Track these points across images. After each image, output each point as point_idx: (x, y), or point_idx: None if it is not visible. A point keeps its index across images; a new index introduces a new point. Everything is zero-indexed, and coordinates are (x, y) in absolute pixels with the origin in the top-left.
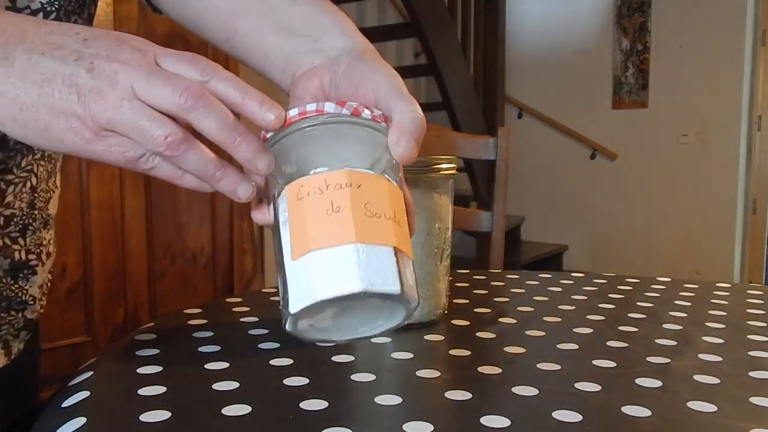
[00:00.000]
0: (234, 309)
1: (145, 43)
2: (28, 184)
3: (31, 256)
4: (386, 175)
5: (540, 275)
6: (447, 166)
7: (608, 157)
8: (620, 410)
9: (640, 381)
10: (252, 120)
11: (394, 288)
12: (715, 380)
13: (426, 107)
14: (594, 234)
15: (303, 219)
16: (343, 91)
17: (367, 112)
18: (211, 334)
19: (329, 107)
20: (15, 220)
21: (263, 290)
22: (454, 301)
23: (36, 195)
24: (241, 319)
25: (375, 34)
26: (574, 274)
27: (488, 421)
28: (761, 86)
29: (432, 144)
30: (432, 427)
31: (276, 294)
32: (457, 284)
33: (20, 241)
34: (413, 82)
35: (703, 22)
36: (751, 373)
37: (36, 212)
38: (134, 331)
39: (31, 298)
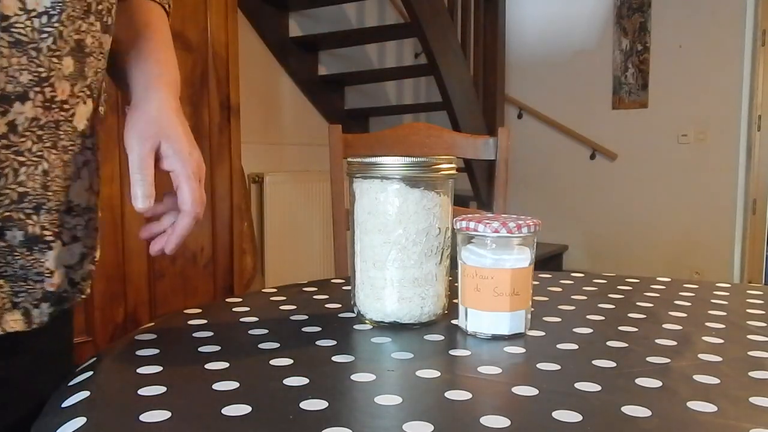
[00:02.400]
0: (234, 309)
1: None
2: (40, 168)
3: (46, 233)
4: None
5: (540, 275)
6: (447, 166)
7: (608, 157)
8: (620, 410)
9: (640, 381)
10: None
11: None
12: (715, 380)
13: (426, 107)
14: (594, 234)
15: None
16: (171, 165)
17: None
18: (211, 334)
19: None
20: (28, 197)
21: (263, 290)
22: (454, 301)
23: (49, 179)
24: (241, 319)
25: (375, 34)
26: (574, 274)
27: (488, 421)
28: (761, 86)
29: (432, 144)
30: (432, 427)
31: (276, 294)
32: (456, 284)
33: (33, 217)
34: (413, 82)
35: (703, 22)
36: (751, 373)
37: (50, 194)
38: (134, 331)
39: (48, 271)
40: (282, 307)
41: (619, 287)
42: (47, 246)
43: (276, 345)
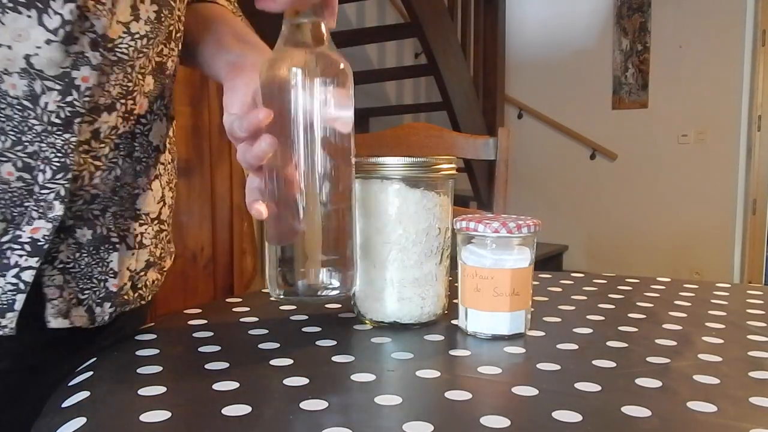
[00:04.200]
0: (234, 309)
1: None
2: (113, 174)
3: (112, 234)
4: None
5: (540, 275)
6: (447, 167)
7: (608, 157)
8: (620, 410)
9: (640, 381)
10: None
11: None
12: (715, 380)
13: (426, 107)
14: (594, 234)
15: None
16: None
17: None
18: (211, 334)
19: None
20: (98, 200)
21: (263, 290)
22: (454, 301)
23: (119, 185)
24: (241, 319)
25: (375, 34)
26: (574, 274)
27: (488, 421)
28: (761, 86)
29: (432, 144)
30: (432, 427)
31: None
32: (456, 284)
33: (101, 218)
34: (413, 82)
35: (703, 22)
36: (751, 373)
37: (117, 199)
38: (134, 331)
39: (111, 272)
40: (282, 307)
41: (619, 287)
42: (113, 247)
43: (276, 345)
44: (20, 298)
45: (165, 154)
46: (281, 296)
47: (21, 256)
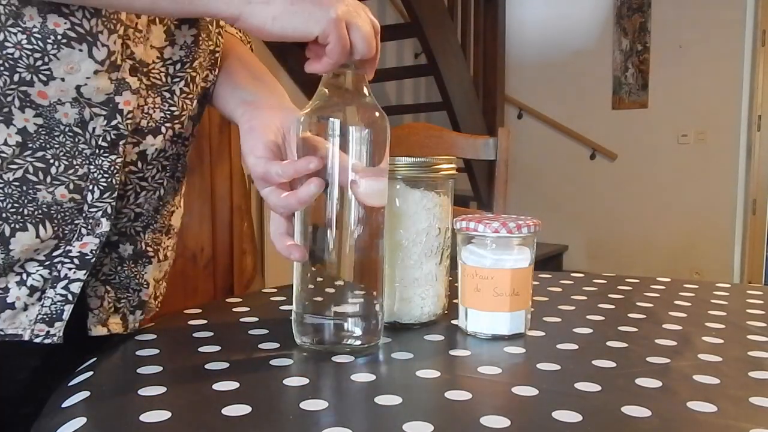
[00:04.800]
0: (234, 309)
1: None
2: (157, 194)
3: (149, 249)
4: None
5: (540, 275)
6: (447, 167)
7: (608, 157)
8: (620, 410)
9: (640, 381)
10: None
11: None
12: (715, 380)
13: (426, 107)
14: (594, 234)
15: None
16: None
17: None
18: (211, 334)
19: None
20: (142, 218)
21: (263, 290)
22: (454, 301)
23: (161, 204)
24: (241, 319)
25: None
26: (574, 274)
27: (488, 421)
28: (761, 86)
29: (432, 144)
30: (432, 427)
31: (276, 294)
32: (456, 284)
33: (141, 234)
34: (413, 82)
35: (703, 22)
36: (751, 373)
37: (159, 217)
38: (134, 331)
39: (145, 283)
40: (282, 307)
41: (619, 287)
42: (149, 261)
43: (276, 345)
44: (68, 309)
45: (186, 171)
46: (306, 344)
47: (70, 269)
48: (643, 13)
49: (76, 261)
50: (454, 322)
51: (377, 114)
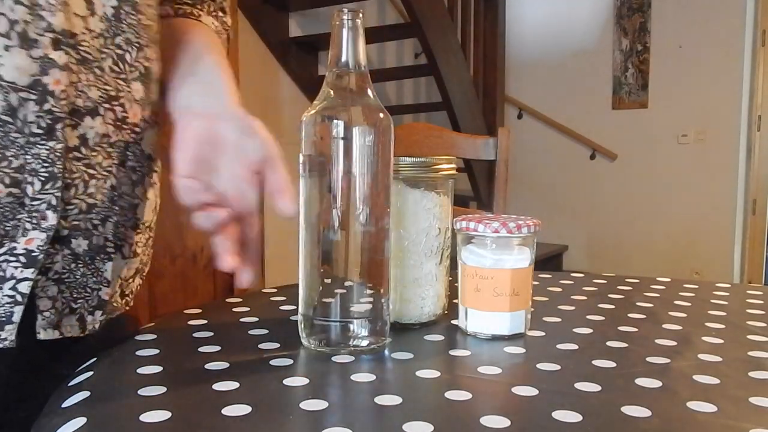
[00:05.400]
0: (234, 309)
1: None
2: (108, 183)
3: (108, 244)
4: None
5: (540, 275)
6: (447, 167)
7: (608, 157)
8: (620, 410)
9: (640, 381)
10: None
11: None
12: (715, 380)
13: (426, 107)
14: (594, 234)
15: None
16: (244, 146)
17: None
18: (211, 334)
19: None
20: (96, 209)
21: (263, 290)
22: (454, 301)
23: (117, 195)
24: (241, 319)
25: (375, 34)
26: (574, 274)
27: (488, 421)
28: (761, 86)
29: (432, 144)
30: (432, 427)
31: (276, 294)
32: (456, 284)
33: (100, 228)
34: (413, 82)
35: (703, 22)
36: (751, 373)
37: (117, 209)
38: (134, 331)
39: (105, 281)
40: (282, 307)
41: (619, 287)
42: (108, 257)
43: (276, 345)
44: (18, 310)
45: (157, 161)
46: (312, 346)
47: (17, 267)
48: (643, 13)
49: (22, 259)
50: (454, 322)
51: (381, 115)
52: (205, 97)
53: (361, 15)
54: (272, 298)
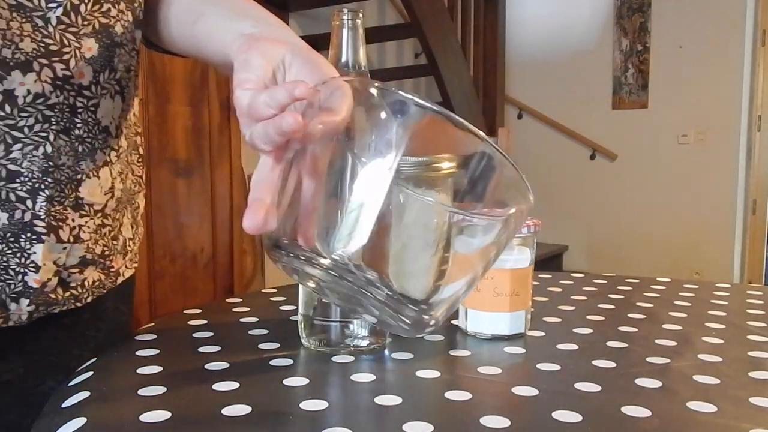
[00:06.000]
0: (234, 309)
1: None
2: (41, 150)
3: (38, 222)
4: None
5: (540, 275)
6: (447, 165)
7: (608, 157)
8: (620, 410)
9: (640, 381)
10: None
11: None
12: (715, 380)
13: None
14: (594, 234)
15: None
16: (297, 74)
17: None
18: (211, 334)
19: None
20: (21, 179)
21: (263, 290)
22: None
23: (52, 165)
24: (241, 320)
25: (375, 34)
26: (574, 275)
27: (488, 421)
28: (761, 86)
29: None
30: (432, 427)
31: (276, 294)
32: None
33: (27, 203)
34: (413, 82)
35: (703, 22)
36: (751, 374)
37: (51, 181)
38: (134, 331)
39: (32, 265)
40: (282, 308)
41: (619, 287)
42: (37, 238)
43: (276, 345)
44: None
45: (119, 139)
46: (312, 346)
47: None
48: (643, 13)
49: None
50: (454, 322)
51: (383, 115)
52: (278, 30)
53: (361, 15)
54: (272, 298)
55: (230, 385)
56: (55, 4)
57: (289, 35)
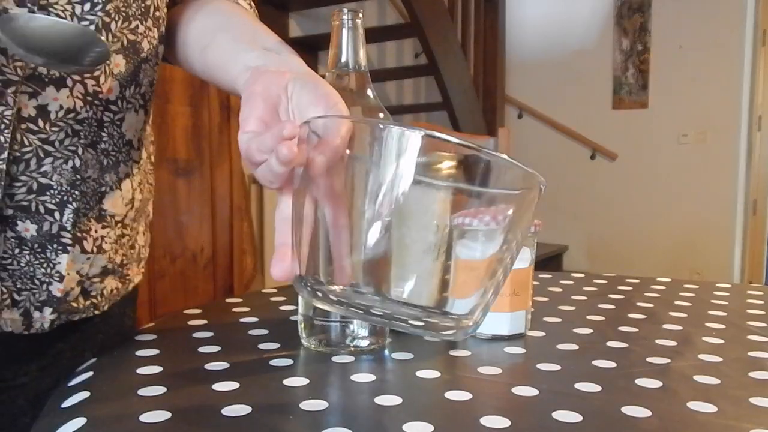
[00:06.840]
0: (234, 309)
1: None
2: (70, 163)
3: (64, 234)
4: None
5: (540, 275)
6: (447, 165)
7: (608, 157)
8: (620, 410)
9: (640, 381)
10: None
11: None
12: (715, 380)
13: (426, 107)
14: (594, 234)
15: None
16: (299, 101)
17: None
18: (211, 334)
19: None
20: (51, 192)
21: (263, 290)
22: None
23: (79, 179)
24: (241, 320)
25: (375, 34)
26: (574, 275)
27: (488, 421)
28: (761, 86)
29: None
30: (432, 427)
31: (276, 294)
32: None
33: (55, 215)
34: (413, 82)
35: (703, 22)
36: (751, 374)
37: (78, 194)
38: (134, 331)
39: (57, 275)
40: (282, 308)
41: (619, 287)
42: (63, 249)
43: (276, 345)
44: None
45: (140, 152)
46: (312, 346)
47: None
48: (643, 13)
49: None
50: None
51: (382, 115)
52: (283, 61)
53: (361, 15)
54: (272, 299)
55: (230, 385)
56: (87, 22)
57: (294, 63)
